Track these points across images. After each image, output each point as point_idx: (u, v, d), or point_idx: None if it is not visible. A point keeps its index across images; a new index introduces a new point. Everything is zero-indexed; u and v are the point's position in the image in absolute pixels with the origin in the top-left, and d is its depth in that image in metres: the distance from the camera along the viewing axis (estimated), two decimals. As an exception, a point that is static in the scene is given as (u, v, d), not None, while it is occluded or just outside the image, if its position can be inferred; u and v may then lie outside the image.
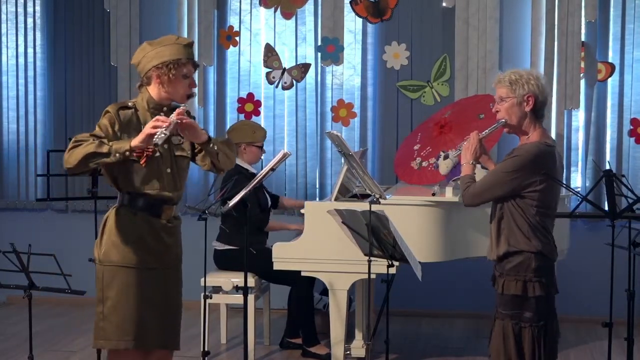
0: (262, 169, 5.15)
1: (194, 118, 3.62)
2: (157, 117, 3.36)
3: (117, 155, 3.29)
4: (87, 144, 3.29)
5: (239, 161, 5.58)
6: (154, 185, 3.50)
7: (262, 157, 5.82)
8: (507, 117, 3.60)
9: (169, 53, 3.48)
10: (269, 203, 5.76)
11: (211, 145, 3.52)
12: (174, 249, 3.64)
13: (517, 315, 3.56)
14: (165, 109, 3.55)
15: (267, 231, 5.65)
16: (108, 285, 3.49)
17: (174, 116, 3.35)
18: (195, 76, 6.44)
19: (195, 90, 3.74)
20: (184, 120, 3.38)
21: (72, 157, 3.30)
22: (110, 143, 3.32)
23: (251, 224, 5.45)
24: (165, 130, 3.27)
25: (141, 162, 3.43)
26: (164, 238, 3.57)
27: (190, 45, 3.56)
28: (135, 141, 3.31)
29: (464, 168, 3.70)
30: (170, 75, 3.46)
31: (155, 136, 3.26)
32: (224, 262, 5.52)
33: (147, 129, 3.30)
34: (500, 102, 3.61)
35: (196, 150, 3.63)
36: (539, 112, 3.61)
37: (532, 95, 3.55)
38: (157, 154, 3.48)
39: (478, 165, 3.81)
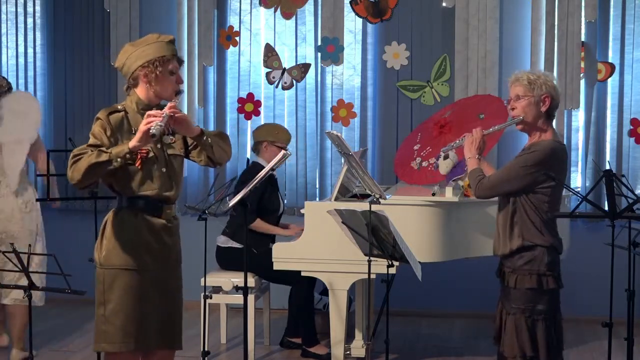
0: (284, 171, 5.02)
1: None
2: (149, 112, 3.35)
3: (119, 160, 3.31)
4: (87, 156, 3.31)
5: (260, 160, 5.54)
6: (150, 186, 3.49)
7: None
8: (524, 114, 3.67)
9: (152, 51, 3.48)
10: (282, 208, 5.70)
11: (205, 138, 3.52)
12: (174, 248, 3.64)
13: (530, 309, 3.62)
14: (154, 109, 3.53)
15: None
16: (109, 287, 3.48)
17: (166, 109, 3.35)
18: (195, 76, 6.63)
19: (184, 86, 3.72)
20: (176, 114, 3.37)
21: (75, 173, 3.32)
22: (109, 150, 3.33)
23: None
24: (160, 122, 3.27)
25: (136, 164, 3.43)
26: (164, 238, 3.57)
27: (172, 41, 3.56)
28: (133, 142, 3.31)
29: (470, 162, 3.77)
30: (158, 73, 3.46)
31: (151, 128, 3.25)
32: (226, 260, 5.51)
33: (141, 127, 3.30)
34: (517, 100, 3.69)
35: (190, 147, 3.62)
36: (551, 112, 3.72)
37: (548, 96, 3.66)
38: (152, 154, 3.47)
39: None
